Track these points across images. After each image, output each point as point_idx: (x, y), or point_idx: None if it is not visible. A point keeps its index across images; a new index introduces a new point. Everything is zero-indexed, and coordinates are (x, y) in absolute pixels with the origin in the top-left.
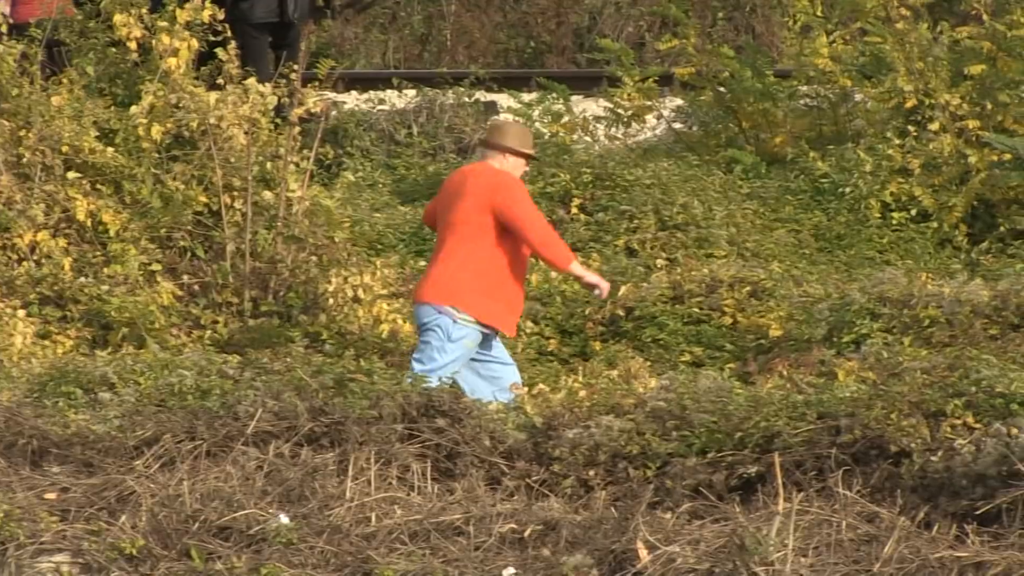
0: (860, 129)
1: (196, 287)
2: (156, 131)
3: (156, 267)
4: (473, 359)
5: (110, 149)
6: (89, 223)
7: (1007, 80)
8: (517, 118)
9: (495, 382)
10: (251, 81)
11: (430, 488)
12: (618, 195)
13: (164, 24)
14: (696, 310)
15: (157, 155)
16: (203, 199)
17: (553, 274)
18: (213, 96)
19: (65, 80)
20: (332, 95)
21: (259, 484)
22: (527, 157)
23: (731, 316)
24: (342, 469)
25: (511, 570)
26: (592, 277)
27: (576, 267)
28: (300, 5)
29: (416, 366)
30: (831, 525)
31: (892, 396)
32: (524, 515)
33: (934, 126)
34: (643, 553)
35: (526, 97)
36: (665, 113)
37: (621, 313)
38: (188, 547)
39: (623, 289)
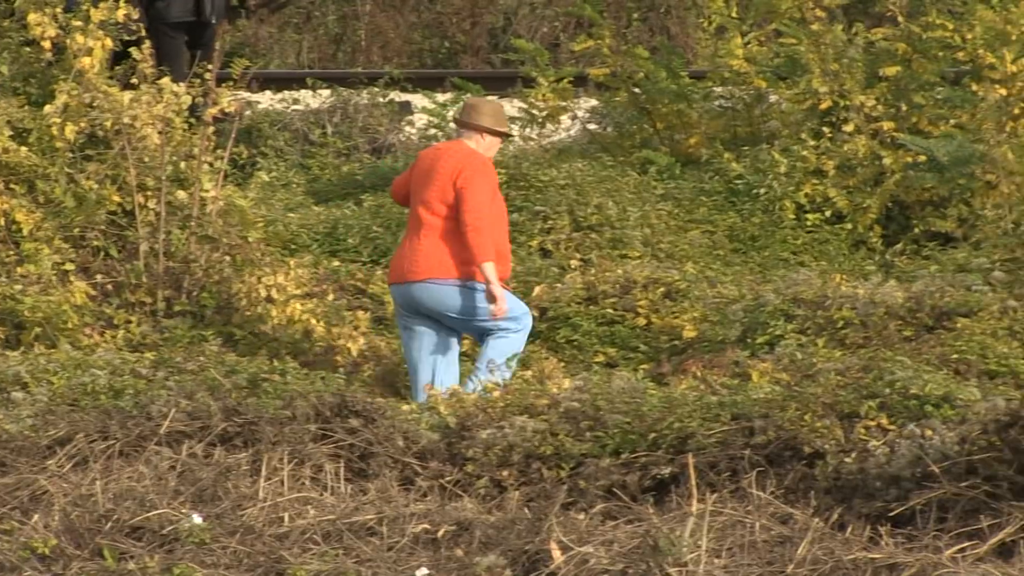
0: (775, 130)
1: (109, 287)
2: (70, 130)
3: (69, 267)
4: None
5: (24, 148)
6: (2, 222)
7: (922, 81)
8: (491, 96)
9: (426, 363)
10: (165, 81)
11: (343, 488)
12: (532, 196)
13: (78, 23)
14: (610, 311)
15: (71, 154)
16: (117, 199)
17: None
18: (127, 96)
19: None
20: (246, 95)
21: (172, 484)
22: (503, 135)
23: (645, 317)
24: (255, 469)
25: (424, 570)
26: (497, 290)
27: (489, 269)
28: (216, 5)
29: (505, 346)
30: (745, 526)
31: (806, 397)
32: (437, 515)
33: (849, 127)
34: (556, 554)
35: (441, 97)
36: (580, 114)
37: (535, 314)
38: (101, 547)
39: (537, 290)
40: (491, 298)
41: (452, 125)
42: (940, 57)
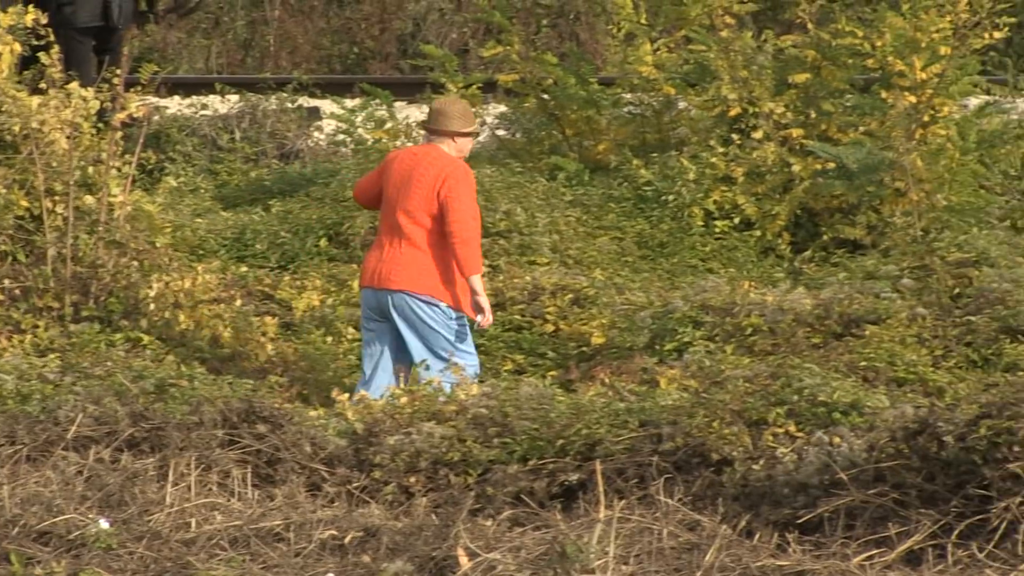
0: (683, 137)
1: (17, 291)
2: None
3: None
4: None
5: None
6: None
7: (831, 89)
8: (458, 96)
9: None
10: (74, 85)
11: (250, 494)
12: None
13: None
14: (518, 317)
15: None
16: (24, 203)
17: None
18: (35, 100)
19: None
20: (155, 100)
21: (79, 489)
22: (472, 135)
23: (553, 324)
24: (162, 474)
25: None
26: (484, 302)
27: (477, 281)
28: (124, 10)
29: (436, 364)
30: (652, 533)
31: (714, 404)
32: (344, 521)
33: (758, 134)
34: (464, 560)
35: (349, 103)
36: (488, 120)
37: None
38: (7, 552)
39: None
40: (479, 309)
41: (421, 132)
42: (849, 64)
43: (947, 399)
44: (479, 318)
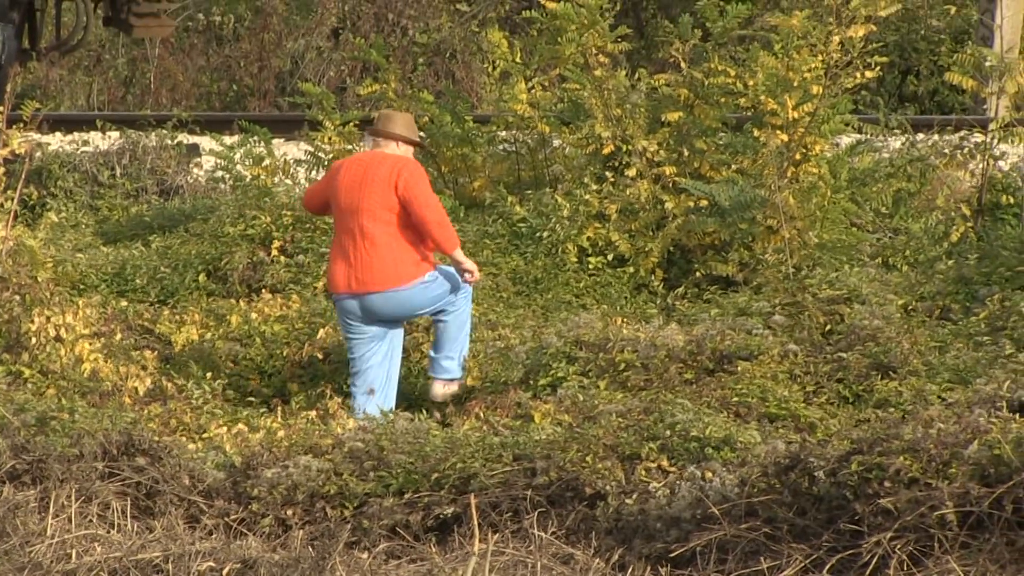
0: (558, 174)
1: None
2: None
3: None
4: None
5: None
6: None
7: (704, 127)
8: (401, 109)
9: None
10: None
11: (130, 526)
12: (317, 237)
13: None
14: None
15: None
16: None
17: (254, 315)
18: None
19: None
20: (37, 136)
21: None
22: (415, 144)
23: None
24: (43, 506)
25: None
26: (470, 264)
27: (459, 254)
28: (7, 48)
29: (456, 321)
30: (526, 566)
31: (587, 439)
32: (223, 553)
33: (631, 172)
34: None
35: (228, 140)
36: None
37: (319, 356)
38: None
39: (322, 332)
40: (468, 273)
41: (367, 136)
42: (722, 103)
43: (818, 435)
44: (468, 279)
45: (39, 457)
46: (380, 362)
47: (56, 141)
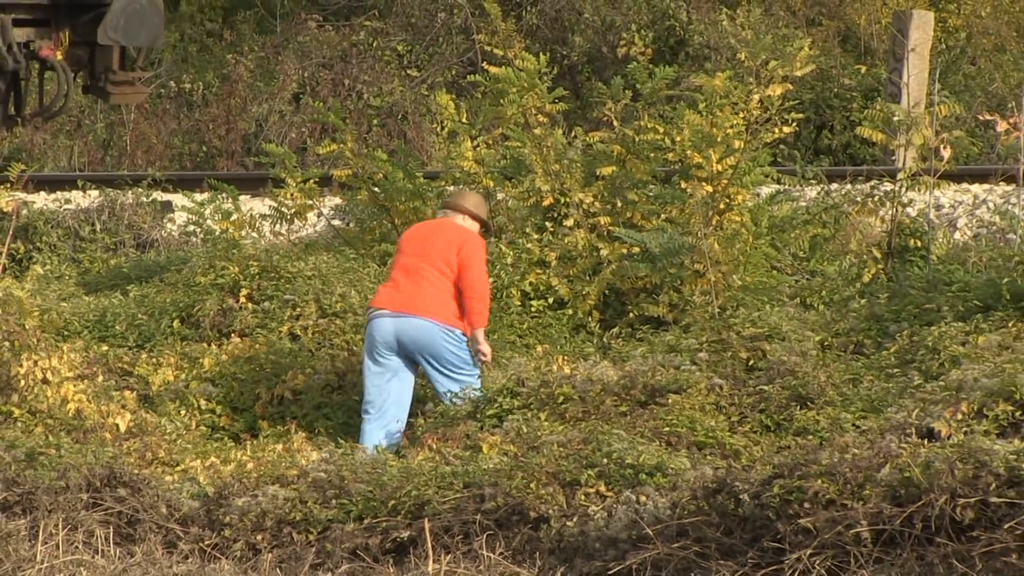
0: (502, 225)
1: None
2: None
3: None
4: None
5: None
6: None
7: (635, 180)
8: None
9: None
10: None
11: (113, 551)
12: (282, 285)
13: None
14: (357, 399)
15: None
16: None
17: (224, 358)
18: None
19: None
20: (23, 195)
21: None
22: (481, 222)
23: None
24: (33, 534)
25: None
26: (486, 348)
27: (481, 333)
28: None
29: (453, 386)
30: None
31: (531, 467)
32: None
33: (569, 222)
34: None
35: (199, 197)
36: (325, 211)
37: (289, 395)
38: None
39: (289, 373)
40: (481, 355)
41: (440, 208)
42: (652, 158)
43: (743, 461)
44: (483, 357)
45: (28, 489)
46: (395, 396)
47: (41, 200)
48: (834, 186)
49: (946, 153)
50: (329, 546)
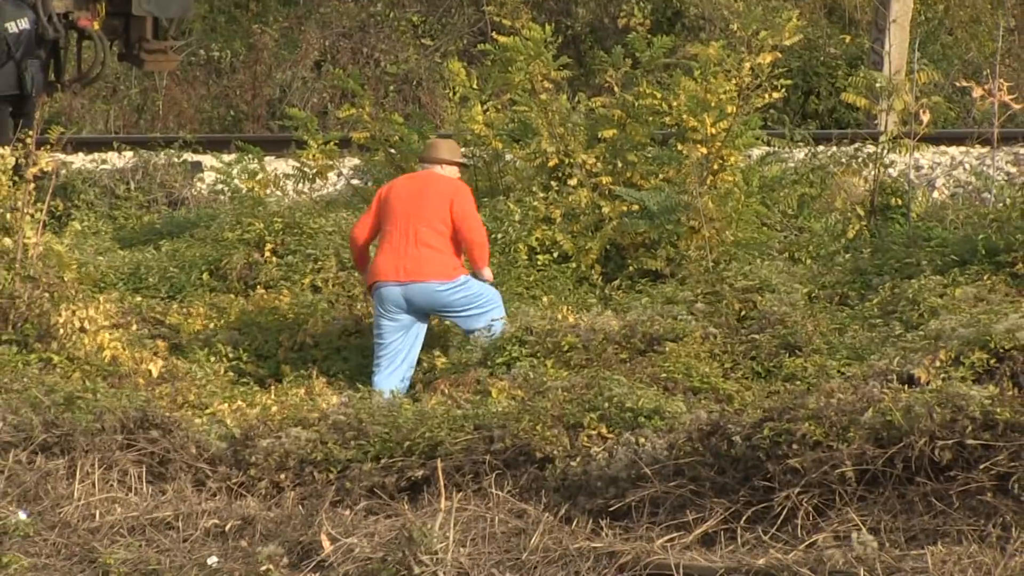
0: (510, 184)
1: None
2: None
3: None
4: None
5: None
6: None
7: (634, 143)
8: (446, 136)
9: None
10: None
11: (145, 489)
12: (304, 241)
13: None
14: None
15: None
16: None
17: (250, 308)
18: None
19: None
20: (62, 156)
21: (1, 486)
22: (458, 164)
23: None
24: (71, 473)
25: (214, 559)
26: (488, 274)
27: (487, 271)
28: (35, 80)
29: (478, 322)
30: (486, 520)
31: (537, 411)
32: (225, 512)
33: (573, 182)
34: (326, 544)
35: (227, 158)
36: (344, 171)
37: (310, 342)
38: None
39: (310, 321)
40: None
41: (418, 162)
42: (650, 122)
43: (735, 405)
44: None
45: (67, 431)
46: (406, 348)
47: (79, 160)
48: (820, 148)
49: (925, 117)
50: (348, 484)
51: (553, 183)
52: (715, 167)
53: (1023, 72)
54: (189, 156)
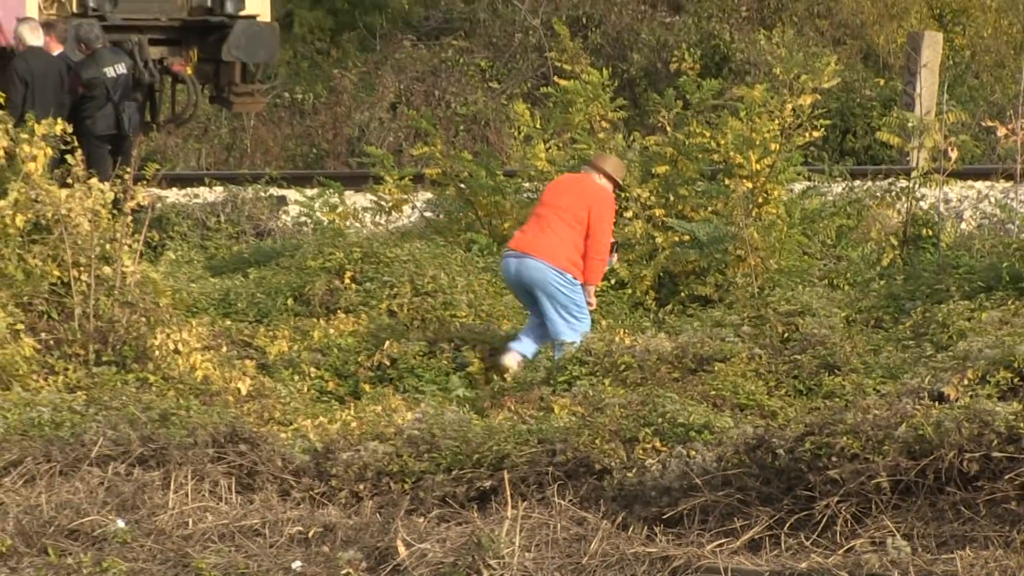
0: None
1: (51, 342)
2: (20, 220)
3: (20, 327)
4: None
5: None
6: None
7: (685, 178)
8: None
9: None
10: (94, 180)
11: (234, 499)
12: (381, 268)
13: (25, 136)
14: (445, 363)
15: (20, 239)
16: (57, 273)
17: (331, 331)
18: (64, 192)
19: None
20: (157, 191)
21: (101, 496)
22: (616, 184)
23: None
24: (166, 484)
25: (298, 563)
26: (593, 300)
27: (593, 289)
28: (132, 121)
29: (565, 329)
30: (549, 527)
31: (596, 426)
32: (308, 520)
33: (629, 214)
34: (402, 549)
35: (309, 192)
36: (418, 204)
37: (387, 362)
38: (46, 546)
39: (387, 343)
40: (590, 304)
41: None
42: (700, 158)
43: (779, 420)
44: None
45: (162, 445)
46: (535, 327)
47: (173, 195)
48: (857, 183)
49: (953, 154)
50: (422, 494)
51: None
52: (760, 200)
53: None
54: (275, 191)
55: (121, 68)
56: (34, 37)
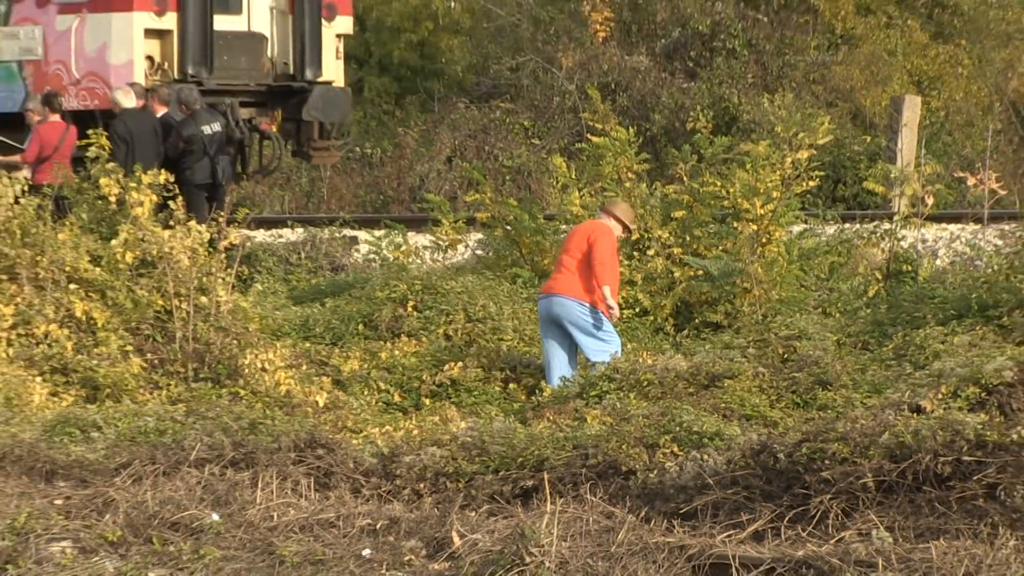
0: None
1: (156, 361)
2: (129, 256)
3: (129, 348)
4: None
5: (98, 268)
6: (84, 318)
7: (700, 221)
8: (624, 202)
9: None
10: (192, 223)
11: (313, 496)
12: (439, 299)
13: (133, 185)
14: (499, 384)
15: (129, 273)
16: (160, 302)
17: (396, 352)
18: (167, 233)
19: (67, 222)
20: (247, 232)
21: (198, 494)
22: (624, 226)
23: (519, 384)
24: (254, 483)
25: (367, 551)
26: (612, 302)
27: (607, 290)
28: (225, 172)
29: (598, 355)
30: (582, 520)
31: (623, 433)
32: (376, 514)
33: (651, 252)
34: (456, 539)
35: (377, 233)
36: (470, 243)
37: (447, 380)
38: (151, 536)
39: (448, 364)
40: (610, 310)
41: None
42: (712, 204)
43: (779, 429)
44: (608, 313)
45: (251, 450)
46: (558, 365)
47: (260, 235)
48: (847, 225)
49: (930, 201)
50: (473, 492)
51: (635, 253)
52: (763, 240)
53: (1007, 165)
54: (347, 232)
55: (216, 126)
56: (128, 100)
